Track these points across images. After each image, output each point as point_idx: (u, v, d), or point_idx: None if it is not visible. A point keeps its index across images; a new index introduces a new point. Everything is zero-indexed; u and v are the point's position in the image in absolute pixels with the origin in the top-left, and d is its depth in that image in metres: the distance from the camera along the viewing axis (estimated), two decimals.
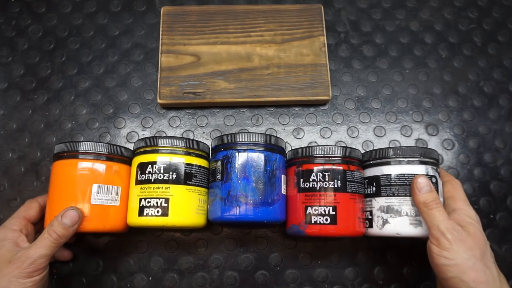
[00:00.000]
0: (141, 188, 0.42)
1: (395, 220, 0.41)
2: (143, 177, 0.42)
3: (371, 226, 0.43)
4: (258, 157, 0.42)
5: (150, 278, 0.48)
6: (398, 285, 0.48)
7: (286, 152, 0.46)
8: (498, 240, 0.50)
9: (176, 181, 0.42)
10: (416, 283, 0.49)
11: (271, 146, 0.44)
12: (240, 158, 0.42)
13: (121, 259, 0.48)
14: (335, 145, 0.47)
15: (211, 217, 0.43)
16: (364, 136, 0.54)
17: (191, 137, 0.53)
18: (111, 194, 0.42)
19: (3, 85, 0.55)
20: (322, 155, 0.43)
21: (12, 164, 0.51)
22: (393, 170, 0.42)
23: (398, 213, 0.41)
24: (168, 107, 0.54)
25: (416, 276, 0.49)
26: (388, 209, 0.42)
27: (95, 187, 0.42)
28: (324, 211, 0.41)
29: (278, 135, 0.53)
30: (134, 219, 0.42)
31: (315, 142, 0.53)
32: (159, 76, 0.53)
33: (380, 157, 0.43)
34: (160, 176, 0.42)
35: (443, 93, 0.56)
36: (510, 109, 0.56)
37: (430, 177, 0.41)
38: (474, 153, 0.54)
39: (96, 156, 0.42)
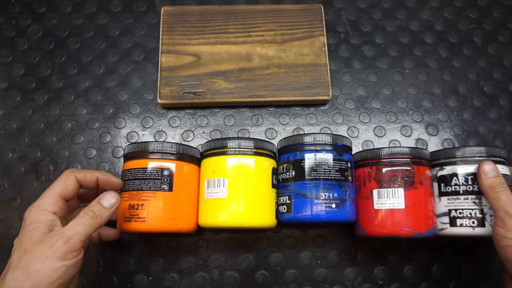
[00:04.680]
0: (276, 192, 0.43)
1: None
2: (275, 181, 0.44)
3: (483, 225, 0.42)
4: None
5: (150, 278, 0.48)
6: (398, 285, 0.48)
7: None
8: None
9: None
10: (416, 283, 0.49)
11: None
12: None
13: (121, 259, 0.48)
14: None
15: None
16: (364, 136, 0.54)
17: (191, 137, 0.53)
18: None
19: (3, 85, 0.55)
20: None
21: (12, 164, 0.52)
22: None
23: None
24: (168, 107, 0.54)
25: (416, 276, 0.49)
26: None
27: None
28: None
29: (278, 135, 0.53)
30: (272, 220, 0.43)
31: None
32: (159, 76, 0.53)
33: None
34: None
35: (443, 93, 0.56)
36: (510, 109, 0.56)
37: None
38: None
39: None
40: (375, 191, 0.43)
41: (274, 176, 0.44)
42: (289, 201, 0.43)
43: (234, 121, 0.54)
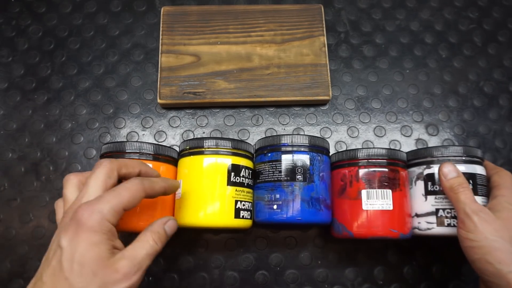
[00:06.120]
0: (236, 190, 0.42)
1: None
2: (237, 179, 0.43)
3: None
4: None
5: (150, 278, 0.48)
6: (398, 285, 0.48)
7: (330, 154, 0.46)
8: None
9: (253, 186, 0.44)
10: (416, 283, 0.49)
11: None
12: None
13: None
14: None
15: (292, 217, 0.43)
16: (364, 136, 0.54)
17: (191, 137, 0.53)
18: None
19: (3, 85, 0.55)
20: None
21: (12, 164, 0.52)
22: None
23: None
24: (168, 107, 0.54)
25: (416, 276, 0.49)
26: None
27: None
28: None
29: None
30: (230, 221, 0.42)
31: None
32: (159, 76, 0.53)
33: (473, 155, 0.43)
34: (251, 182, 0.44)
35: (443, 93, 0.56)
36: (510, 109, 0.56)
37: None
38: None
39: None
40: (363, 192, 0.42)
41: (232, 173, 0.42)
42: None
43: (234, 121, 0.54)
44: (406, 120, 0.55)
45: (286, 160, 0.42)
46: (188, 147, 0.44)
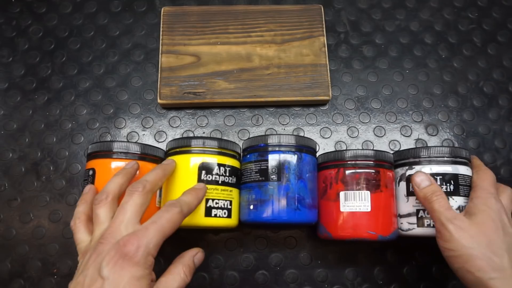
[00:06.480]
0: (207, 189, 0.42)
1: None
2: (208, 177, 0.42)
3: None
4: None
5: None
6: (398, 285, 0.48)
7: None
8: None
9: (235, 184, 0.44)
10: (416, 283, 0.49)
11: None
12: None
13: None
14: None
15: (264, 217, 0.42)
16: (364, 136, 0.54)
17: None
18: None
19: (3, 85, 0.55)
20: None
21: (13, 164, 0.52)
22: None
23: None
24: (168, 107, 0.54)
25: (416, 276, 0.49)
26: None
27: None
28: None
29: None
30: (200, 219, 0.42)
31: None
32: (159, 76, 0.53)
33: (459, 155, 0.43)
34: (229, 179, 0.43)
35: (443, 93, 0.56)
36: (510, 109, 0.56)
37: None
38: (474, 153, 0.54)
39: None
40: (341, 193, 0.42)
41: (203, 172, 0.42)
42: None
43: (234, 121, 0.54)
44: (405, 120, 0.55)
45: (262, 160, 0.43)
46: (168, 148, 0.45)
